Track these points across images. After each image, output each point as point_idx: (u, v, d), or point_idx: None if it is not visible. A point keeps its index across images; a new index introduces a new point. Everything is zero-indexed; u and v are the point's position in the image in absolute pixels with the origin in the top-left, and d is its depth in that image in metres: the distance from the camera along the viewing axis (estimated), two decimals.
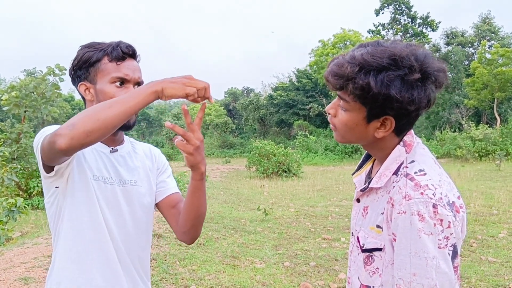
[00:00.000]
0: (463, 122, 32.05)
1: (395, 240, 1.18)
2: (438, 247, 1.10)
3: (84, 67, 1.48)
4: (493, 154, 22.60)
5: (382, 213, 1.23)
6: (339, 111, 1.28)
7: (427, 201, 1.12)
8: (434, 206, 1.11)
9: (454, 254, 1.13)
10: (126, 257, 1.51)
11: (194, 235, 1.59)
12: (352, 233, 1.41)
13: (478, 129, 27.03)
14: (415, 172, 1.20)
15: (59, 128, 1.19)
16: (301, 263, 5.71)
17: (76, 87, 1.53)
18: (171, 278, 4.86)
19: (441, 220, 1.10)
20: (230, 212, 9.77)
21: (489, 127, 28.24)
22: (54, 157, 1.27)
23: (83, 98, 1.53)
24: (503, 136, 26.15)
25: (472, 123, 30.12)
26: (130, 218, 1.53)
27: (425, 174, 1.18)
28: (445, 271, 1.11)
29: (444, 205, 1.12)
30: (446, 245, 1.11)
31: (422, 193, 1.13)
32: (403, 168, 1.23)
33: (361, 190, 1.35)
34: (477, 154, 24.30)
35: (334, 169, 23.29)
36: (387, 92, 1.13)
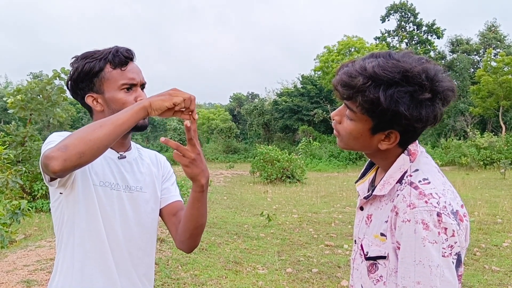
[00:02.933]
0: (468, 130, 31.92)
1: (399, 248, 1.18)
2: (442, 256, 1.10)
3: (87, 78, 1.47)
4: (498, 163, 22.48)
5: (386, 221, 1.24)
6: (344, 119, 1.28)
7: (431, 210, 1.12)
8: (439, 214, 1.11)
9: (458, 262, 1.13)
10: (128, 264, 1.52)
11: (192, 245, 1.59)
12: (355, 240, 1.41)
13: (483, 137, 26.96)
14: (419, 181, 1.20)
15: (51, 150, 1.19)
16: (304, 269, 5.70)
17: (80, 100, 1.53)
18: (173, 283, 4.86)
19: (446, 229, 1.11)
20: (233, 217, 9.76)
21: (494, 135, 28.18)
22: (50, 177, 1.30)
23: (89, 109, 1.53)
24: (508, 144, 26.03)
25: (477, 131, 30.03)
26: (136, 224, 1.54)
27: (429, 183, 1.19)
28: (449, 279, 1.11)
29: (448, 213, 1.12)
30: (450, 253, 1.11)
31: (426, 202, 1.14)
32: (407, 177, 1.23)
33: (364, 198, 1.36)
34: (482, 162, 24.18)
35: (338, 175, 23.25)
36: (396, 108, 1.13)
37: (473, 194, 13.09)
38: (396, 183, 1.25)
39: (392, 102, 1.12)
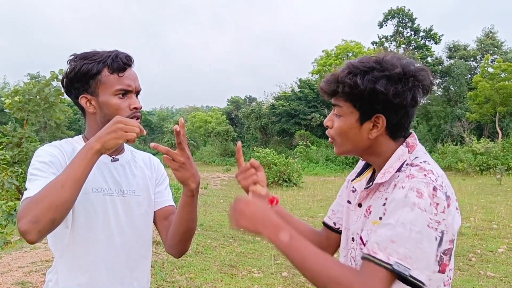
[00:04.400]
0: (465, 136, 32.01)
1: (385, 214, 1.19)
2: (427, 225, 1.11)
3: (83, 79, 1.46)
4: (494, 168, 22.52)
5: (384, 204, 1.25)
6: (334, 120, 1.34)
7: (428, 182, 1.15)
8: (435, 188, 1.14)
9: (440, 242, 1.13)
10: (124, 267, 1.52)
11: (182, 250, 1.60)
12: (353, 238, 1.40)
13: (480, 142, 27.00)
14: (420, 162, 1.24)
15: (23, 222, 1.21)
16: (299, 273, 5.67)
17: (74, 99, 1.52)
18: (168, 286, 4.85)
19: (437, 204, 1.13)
20: (229, 220, 9.74)
21: (490, 141, 28.22)
22: None
23: (82, 109, 1.53)
24: (504, 150, 26.08)
25: (473, 137, 30.09)
26: (130, 228, 1.54)
27: (429, 164, 1.23)
28: (426, 250, 1.11)
29: (443, 192, 1.15)
30: (436, 228, 1.12)
31: (425, 175, 1.17)
32: (406, 164, 1.26)
33: (365, 188, 1.36)
34: (478, 168, 24.23)
35: (334, 179, 23.25)
36: (373, 86, 1.22)
37: (469, 199, 13.10)
38: (396, 172, 1.27)
39: (369, 83, 1.22)
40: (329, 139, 1.38)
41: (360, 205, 1.39)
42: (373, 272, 1.12)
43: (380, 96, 1.22)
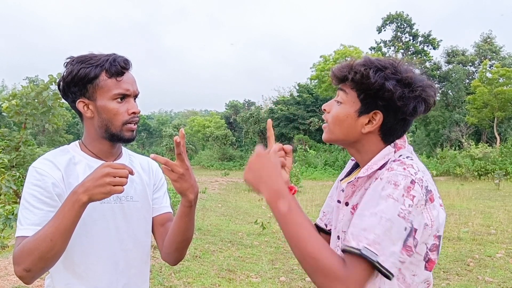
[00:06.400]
0: (463, 140, 32.06)
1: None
2: (398, 215, 1.12)
3: (80, 83, 1.43)
4: (492, 173, 22.54)
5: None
6: (333, 106, 1.36)
7: (407, 175, 1.17)
8: (413, 182, 1.16)
9: (410, 233, 1.14)
10: (125, 274, 1.51)
11: (178, 258, 1.60)
12: (338, 236, 1.40)
13: (478, 147, 27.05)
14: (402, 157, 1.27)
15: (18, 269, 1.31)
16: (297, 278, 5.68)
17: (71, 103, 1.49)
18: None
19: (413, 197, 1.14)
20: (228, 225, 9.73)
21: (488, 146, 28.28)
22: None
23: (79, 113, 1.50)
24: (502, 155, 26.14)
25: (472, 142, 30.14)
26: (128, 235, 1.53)
27: (412, 160, 1.25)
28: (393, 238, 1.12)
29: (421, 185, 1.16)
30: (407, 218, 1.13)
31: (404, 169, 1.19)
32: (390, 162, 1.28)
33: (348, 183, 1.37)
34: (476, 173, 24.25)
35: (333, 184, 23.22)
36: (382, 82, 1.24)
37: (468, 204, 13.11)
38: (379, 169, 1.28)
39: (380, 78, 1.25)
40: (323, 126, 1.40)
41: (347, 203, 1.39)
42: (355, 263, 1.13)
43: (386, 94, 1.24)
